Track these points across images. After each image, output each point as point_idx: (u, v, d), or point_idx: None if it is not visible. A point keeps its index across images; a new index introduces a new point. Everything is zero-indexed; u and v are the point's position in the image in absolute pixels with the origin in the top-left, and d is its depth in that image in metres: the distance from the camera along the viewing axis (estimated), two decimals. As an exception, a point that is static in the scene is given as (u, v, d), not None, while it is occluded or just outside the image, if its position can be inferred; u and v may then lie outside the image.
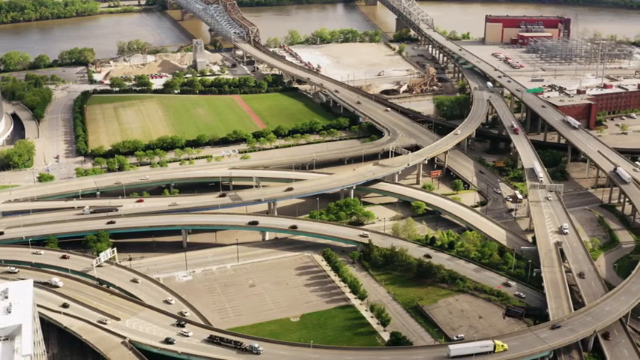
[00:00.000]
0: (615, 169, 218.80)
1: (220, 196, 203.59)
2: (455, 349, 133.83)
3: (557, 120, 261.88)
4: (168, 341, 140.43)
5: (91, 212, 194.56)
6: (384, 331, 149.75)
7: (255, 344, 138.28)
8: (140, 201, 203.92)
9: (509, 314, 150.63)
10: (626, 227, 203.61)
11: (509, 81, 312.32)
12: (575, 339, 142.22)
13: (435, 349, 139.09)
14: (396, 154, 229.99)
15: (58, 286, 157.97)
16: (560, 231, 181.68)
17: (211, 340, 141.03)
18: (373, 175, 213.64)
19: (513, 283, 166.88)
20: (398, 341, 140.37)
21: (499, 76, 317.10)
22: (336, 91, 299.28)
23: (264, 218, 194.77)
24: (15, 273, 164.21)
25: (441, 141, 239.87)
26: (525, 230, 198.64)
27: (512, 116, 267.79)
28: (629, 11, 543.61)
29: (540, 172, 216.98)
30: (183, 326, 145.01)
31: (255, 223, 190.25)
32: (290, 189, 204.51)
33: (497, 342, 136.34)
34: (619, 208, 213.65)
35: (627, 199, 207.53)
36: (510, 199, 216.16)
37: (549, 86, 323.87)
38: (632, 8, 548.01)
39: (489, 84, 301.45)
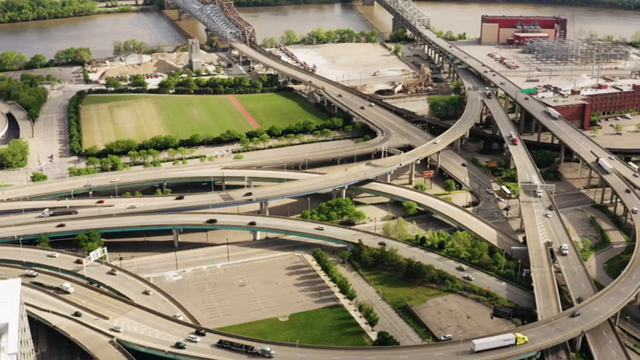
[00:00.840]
0: (597, 159, 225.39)
1: (177, 198, 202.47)
2: (479, 343, 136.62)
3: (538, 110, 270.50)
4: (179, 346, 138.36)
5: (50, 215, 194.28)
6: (372, 330, 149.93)
7: (267, 348, 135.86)
8: (100, 202, 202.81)
9: (497, 314, 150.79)
10: (618, 228, 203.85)
11: (494, 75, 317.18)
12: (562, 339, 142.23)
13: (459, 345, 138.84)
14: (389, 154, 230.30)
15: (68, 292, 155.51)
16: (560, 252, 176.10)
17: (221, 345, 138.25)
18: (365, 175, 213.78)
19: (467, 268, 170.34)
20: (385, 341, 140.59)
21: (485, 71, 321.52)
22: (340, 96, 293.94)
23: (224, 217, 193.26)
24: (34, 277, 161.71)
25: (418, 149, 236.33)
26: (517, 230, 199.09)
27: (508, 119, 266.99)
28: (627, 12, 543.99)
29: (538, 185, 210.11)
30: (203, 334, 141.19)
31: (213, 221, 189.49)
32: (249, 194, 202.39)
33: (518, 335, 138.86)
34: (611, 209, 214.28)
35: (607, 186, 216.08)
36: (497, 195, 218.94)
37: (544, 86, 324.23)
38: (630, 9, 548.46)
39: (487, 90, 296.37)
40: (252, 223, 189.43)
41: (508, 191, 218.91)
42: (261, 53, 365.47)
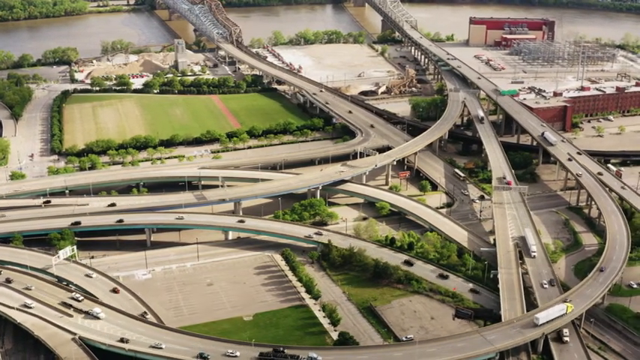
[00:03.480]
0: (543, 133, 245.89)
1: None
2: (542, 316, 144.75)
3: (490, 89, 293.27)
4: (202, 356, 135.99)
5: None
6: (335, 330, 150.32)
7: (314, 354, 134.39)
8: (47, 202, 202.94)
9: (459, 315, 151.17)
10: (591, 230, 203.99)
11: (458, 66, 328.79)
12: (522, 341, 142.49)
13: (522, 319, 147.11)
14: (366, 155, 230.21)
15: (99, 318, 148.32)
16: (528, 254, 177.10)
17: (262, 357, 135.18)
18: (340, 176, 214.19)
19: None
20: (345, 341, 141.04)
21: (458, 66, 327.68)
22: (327, 104, 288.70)
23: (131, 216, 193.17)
24: (80, 301, 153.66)
25: (395, 149, 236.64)
26: (489, 232, 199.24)
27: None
28: (619, 14, 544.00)
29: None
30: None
31: (121, 221, 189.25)
32: (203, 197, 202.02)
33: (568, 304, 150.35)
34: (586, 211, 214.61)
35: (553, 159, 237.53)
36: (456, 176, 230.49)
37: (529, 88, 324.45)
38: (622, 11, 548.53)
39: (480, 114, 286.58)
40: (181, 217, 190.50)
41: (462, 175, 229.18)
42: (246, 54, 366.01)
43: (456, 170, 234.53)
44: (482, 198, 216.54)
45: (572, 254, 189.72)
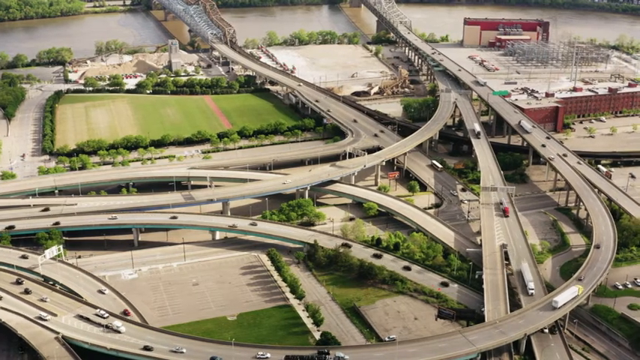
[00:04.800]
0: (519, 122, 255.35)
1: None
2: (560, 300, 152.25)
3: (470, 80, 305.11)
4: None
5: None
6: (318, 330, 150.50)
7: (341, 353, 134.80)
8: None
9: (441, 316, 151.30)
10: (579, 230, 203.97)
11: (441, 59, 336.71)
12: (503, 342, 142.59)
13: (541, 303, 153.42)
14: (355, 156, 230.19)
15: (120, 332, 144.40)
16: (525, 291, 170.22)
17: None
18: (328, 176, 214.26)
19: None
20: (327, 341, 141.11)
21: (440, 60, 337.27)
22: (329, 111, 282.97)
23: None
24: (106, 318, 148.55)
25: (384, 150, 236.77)
26: (477, 232, 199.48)
27: (477, 117, 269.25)
28: (615, 15, 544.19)
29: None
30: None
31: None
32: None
33: (579, 286, 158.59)
34: (575, 212, 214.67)
35: (526, 144, 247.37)
36: (433, 166, 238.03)
37: (522, 89, 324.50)
38: (617, 12, 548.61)
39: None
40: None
41: (439, 165, 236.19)
42: (240, 54, 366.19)
43: (434, 162, 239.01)
44: (463, 190, 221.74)
45: (558, 255, 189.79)
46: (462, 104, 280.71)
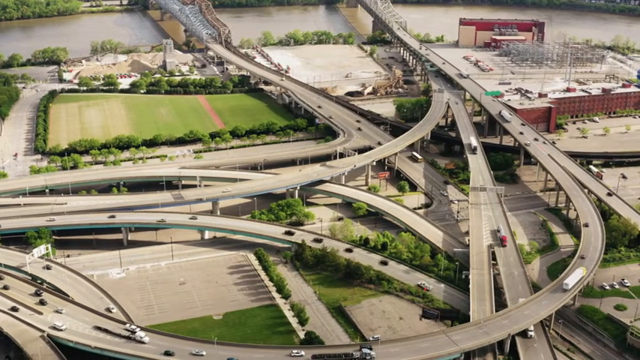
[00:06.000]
0: (500, 111, 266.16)
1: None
2: (570, 281, 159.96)
3: (454, 73, 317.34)
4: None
5: None
6: (302, 330, 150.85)
7: (367, 349, 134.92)
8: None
9: (426, 316, 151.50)
10: (569, 231, 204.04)
11: (427, 54, 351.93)
12: (487, 342, 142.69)
13: (553, 286, 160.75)
14: (345, 156, 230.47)
15: (144, 342, 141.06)
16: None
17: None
18: (318, 176, 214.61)
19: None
20: (311, 340, 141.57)
21: (427, 54, 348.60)
22: (329, 117, 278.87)
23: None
24: (134, 333, 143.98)
25: (374, 150, 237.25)
26: (465, 232, 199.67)
27: (470, 123, 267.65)
28: (613, 15, 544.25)
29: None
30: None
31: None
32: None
33: (584, 268, 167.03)
34: (564, 212, 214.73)
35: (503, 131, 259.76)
36: (413, 157, 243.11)
37: (515, 89, 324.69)
38: (615, 13, 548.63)
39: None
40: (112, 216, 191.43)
41: (419, 157, 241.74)
42: (235, 54, 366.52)
43: (414, 153, 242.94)
44: (446, 183, 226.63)
45: (547, 255, 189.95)
46: (458, 112, 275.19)
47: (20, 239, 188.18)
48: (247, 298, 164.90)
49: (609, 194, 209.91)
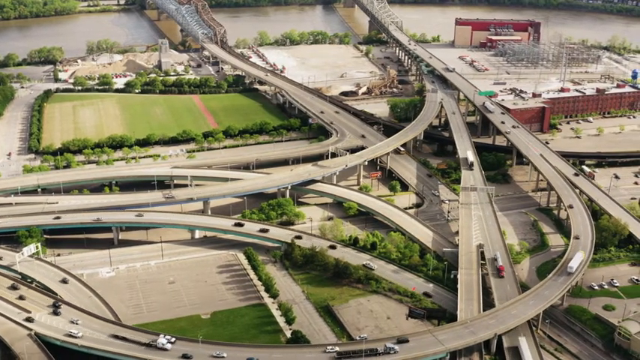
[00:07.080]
0: (484, 103, 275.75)
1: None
2: (574, 265, 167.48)
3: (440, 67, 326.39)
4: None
5: None
6: (290, 329, 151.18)
7: (390, 344, 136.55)
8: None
9: (412, 315, 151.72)
10: (559, 231, 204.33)
11: (415, 49, 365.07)
12: (473, 341, 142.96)
13: (558, 270, 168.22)
14: (336, 156, 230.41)
15: (166, 349, 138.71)
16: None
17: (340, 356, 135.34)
18: (309, 176, 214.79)
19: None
20: (297, 339, 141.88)
21: (414, 49, 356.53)
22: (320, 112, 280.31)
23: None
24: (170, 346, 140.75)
25: (366, 150, 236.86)
26: (456, 232, 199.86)
27: (465, 126, 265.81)
28: (610, 16, 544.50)
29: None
30: None
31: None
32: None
33: (583, 252, 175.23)
34: (555, 212, 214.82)
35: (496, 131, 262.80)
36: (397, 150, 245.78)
37: (510, 89, 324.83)
38: (612, 13, 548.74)
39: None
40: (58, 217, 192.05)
41: (402, 149, 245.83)
42: (230, 54, 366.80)
43: (399, 147, 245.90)
44: (429, 176, 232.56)
45: (536, 255, 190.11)
46: (454, 119, 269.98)
47: (12, 238, 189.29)
48: (236, 297, 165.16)
49: (576, 174, 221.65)
